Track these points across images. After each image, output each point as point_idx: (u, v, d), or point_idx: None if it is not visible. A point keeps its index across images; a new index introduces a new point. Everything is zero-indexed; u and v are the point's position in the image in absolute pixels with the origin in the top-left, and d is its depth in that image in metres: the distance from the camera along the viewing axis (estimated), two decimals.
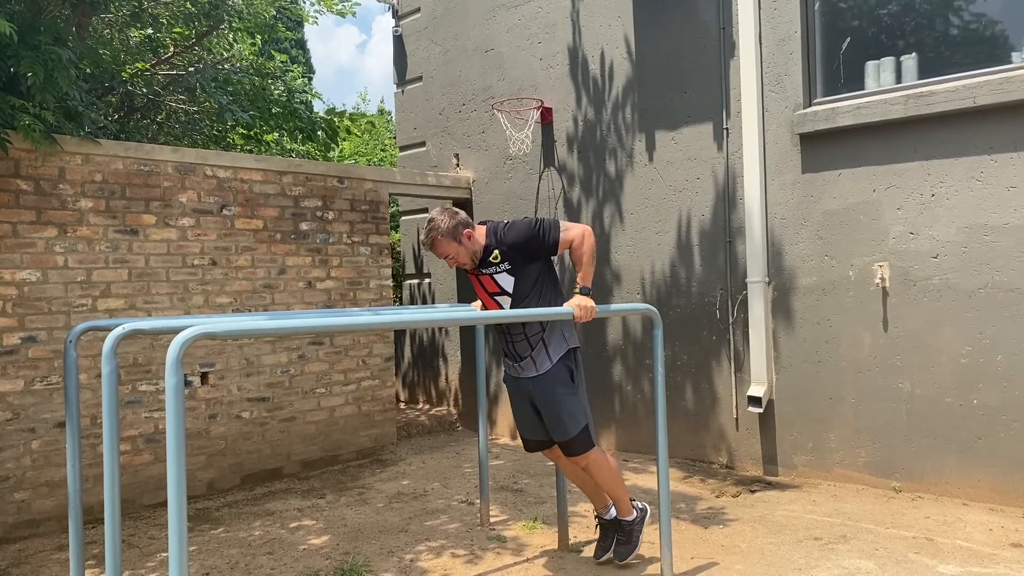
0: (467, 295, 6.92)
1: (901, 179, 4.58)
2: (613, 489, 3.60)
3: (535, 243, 3.37)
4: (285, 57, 8.71)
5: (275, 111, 7.12)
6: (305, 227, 5.71)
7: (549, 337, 3.43)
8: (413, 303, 7.81)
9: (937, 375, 4.47)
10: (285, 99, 7.19)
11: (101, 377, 2.59)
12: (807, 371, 4.96)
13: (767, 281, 5.09)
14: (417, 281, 7.78)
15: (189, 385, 5.08)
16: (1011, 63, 4.28)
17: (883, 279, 4.63)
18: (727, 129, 5.27)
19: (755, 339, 5.08)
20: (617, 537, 3.68)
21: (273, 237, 5.53)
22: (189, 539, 4.20)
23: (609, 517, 3.69)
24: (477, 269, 3.49)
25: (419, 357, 7.82)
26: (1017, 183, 4.19)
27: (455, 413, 7.29)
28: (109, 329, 2.60)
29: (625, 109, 5.84)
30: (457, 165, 7.08)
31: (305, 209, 5.71)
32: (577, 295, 3.32)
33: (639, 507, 3.72)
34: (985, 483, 4.31)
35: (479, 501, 4.41)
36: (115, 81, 6.25)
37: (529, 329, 3.44)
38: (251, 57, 7.58)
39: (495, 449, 6.23)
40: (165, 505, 2.04)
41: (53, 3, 4.73)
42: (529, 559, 3.83)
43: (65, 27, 4.54)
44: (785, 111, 4.99)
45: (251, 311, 5.35)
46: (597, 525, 3.76)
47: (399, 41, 7.70)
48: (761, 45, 5.06)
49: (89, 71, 5.68)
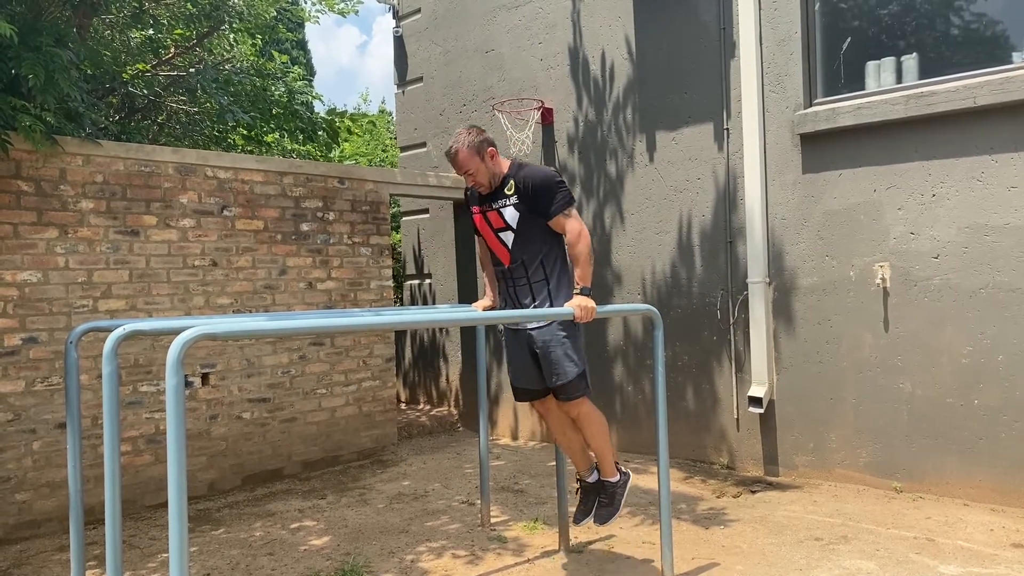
0: (468, 296, 6.92)
1: (902, 179, 4.57)
2: (600, 446, 3.54)
3: (545, 194, 3.36)
4: (286, 58, 8.71)
5: (276, 112, 7.12)
6: (306, 228, 5.71)
7: (555, 286, 3.42)
8: (414, 304, 7.82)
9: (938, 375, 4.47)
10: (286, 100, 7.19)
11: (102, 378, 2.59)
12: (808, 371, 4.96)
13: (768, 281, 5.09)
14: (418, 282, 7.78)
15: (190, 386, 5.04)
16: (1012, 63, 4.28)
17: (884, 279, 4.63)
18: (728, 129, 5.27)
19: (756, 339, 5.08)
20: (599, 499, 3.61)
21: (274, 238, 5.53)
22: (190, 540, 4.20)
23: (592, 480, 3.63)
24: (487, 203, 3.48)
25: (420, 358, 7.82)
26: (1018, 183, 4.19)
27: (456, 413, 7.29)
28: (110, 330, 2.60)
29: (626, 109, 5.84)
30: None
31: (306, 210, 5.72)
32: (577, 295, 3.31)
33: (623, 471, 3.66)
34: (986, 483, 4.31)
35: (480, 502, 4.41)
36: (116, 82, 6.25)
37: (533, 274, 3.42)
38: (252, 58, 7.58)
39: (496, 450, 6.23)
40: (166, 506, 2.04)
41: (54, 4, 4.73)
42: (530, 560, 3.83)
43: (66, 28, 4.54)
44: (786, 111, 4.99)
45: (252, 312, 5.35)
46: (578, 490, 3.69)
47: (400, 42, 7.71)
48: (761, 45, 5.06)
49: (90, 72, 5.69)
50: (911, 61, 4.62)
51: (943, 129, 4.41)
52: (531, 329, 3.45)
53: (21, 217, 4.44)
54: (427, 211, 7.57)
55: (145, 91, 6.69)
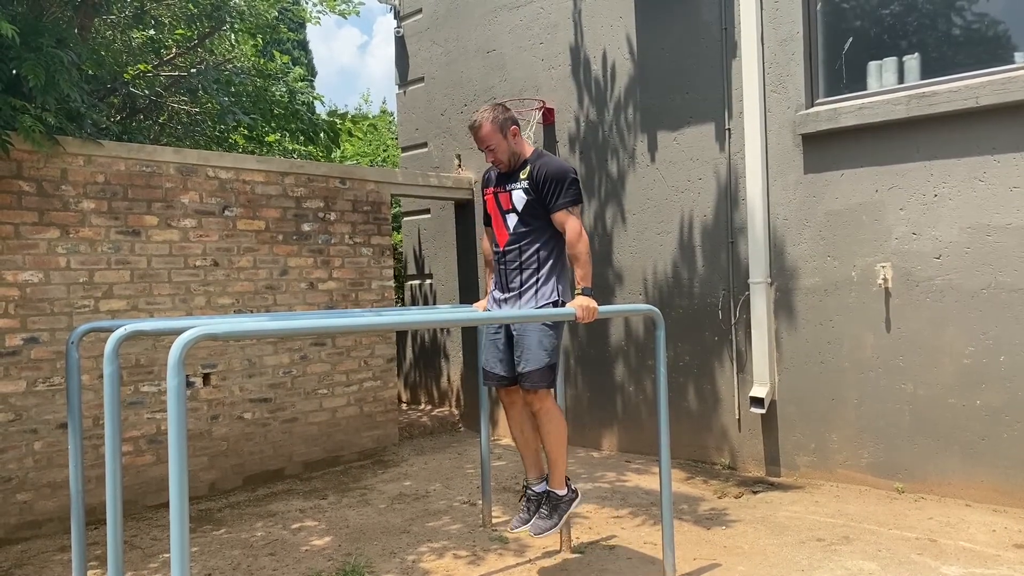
0: (469, 296, 6.92)
1: (904, 179, 4.57)
2: (555, 449, 3.45)
3: (555, 186, 3.37)
4: (287, 58, 8.71)
5: (277, 112, 7.12)
6: (307, 228, 5.71)
7: (544, 282, 3.42)
8: (415, 304, 7.82)
9: (940, 376, 4.46)
10: (287, 100, 7.19)
11: (103, 378, 2.59)
12: (810, 372, 4.96)
13: (769, 282, 5.08)
14: (419, 282, 7.78)
15: (191, 386, 5.08)
16: (1014, 63, 4.27)
17: (886, 279, 4.62)
18: (729, 129, 5.26)
19: (757, 340, 5.08)
20: (540, 510, 3.50)
21: (275, 238, 5.53)
22: (191, 540, 4.21)
23: (539, 489, 3.56)
24: (501, 185, 3.50)
25: (421, 358, 7.82)
26: (1020, 183, 4.18)
27: (457, 414, 7.28)
28: (111, 330, 2.60)
29: (627, 109, 5.84)
30: (459, 166, 7.08)
31: (307, 210, 5.72)
32: (579, 295, 3.31)
33: (572, 488, 3.56)
34: (988, 484, 4.30)
35: (481, 502, 4.41)
36: (117, 83, 6.25)
37: (526, 261, 3.43)
38: (253, 58, 7.58)
39: (497, 450, 6.23)
40: (167, 506, 2.04)
41: (55, 5, 4.74)
42: (531, 560, 3.83)
43: (67, 29, 4.55)
44: (787, 111, 4.99)
45: (253, 312, 5.35)
46: (522, 497, 3.62)
47: (401, 42, 7.71)
48: (763, 45, 5.06)
49: (91, 73, 5.69)
50: (913, 61, 4.62)
51: (945, 129, 4.40)
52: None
53: (22, 217, 4.45)
54: (428, 211, 7.57)
55: (146, 91, 6.69)
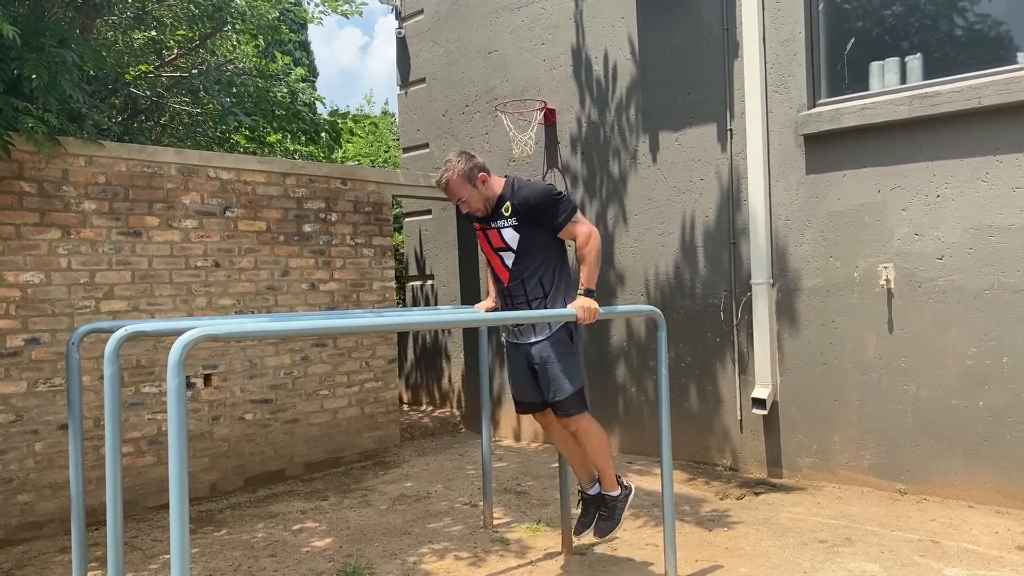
0: (470, 297, 6.91)
1: (906, 180, 4.56)
2: (600, 459, 3.53)
3: (546, 210, 3.35)
4: (289, 59, 8.71)
5: (278, 113, 7.12)
6: (308, 229, 5.71)
7: (552, 304, 3.41)
8: (416, 305, 7.81)
9: (942, 377, 4.45)
10: (288, 101, 7.19)
11: (104, 379, 2.59)
12: (812, 373, 4.95)
13: (771, 283, 5.07)
14: (420, 283, 7.78)
15: (192, 387, 5.07)
16: (1016, 63, 4.26)
17: (888, 280, 4.61)
18: (731, 130, 5.25)
19: (759, 341, 5.07)
20: (599, 512, 3.62)
21: (276, 239, 5.52)
22: (192, 541, 4.20)
23: (593, 492, 3.63)
24: (486, 222, 3.47)
25: (422, 359, 7.81)
26: (1023, 184, 4.17)
27: (458, 415, 7.28)
28: (112, 331, 2.60)
29: (628, 110, 5.83)
30: None
31: (308, 211, 5.71)
32: (581, 296, 3.31)
33: (624, 484, 3.66)
34: (991, 485, 4.29)
35: (482, 503, 4.40)
36: (118, 83, 6.25)
37: (531, 292, 3.42)
38: (254, 59, 7.58)
39: (498, 451, 6.22)
40: (168, 507, 2.03)
41: (56, 5, 4.74)
42: (533, 562, 3.82)
43: (69, 29, 4.54)
44: (789, 112, 4.98)
45: (254, 313, 5.35)
46: (579, 502, 3.70)
47: (402, 43, 7.70)
48: (765, 46, 5.05)
49: (92, 73, 5.69)
50: (915, 61, 4.61)
51: (948, 130, 4.39)
52: (529, 344, 3.46)
53: (23, 218, 4.44)
54: (430, 212, 7.57)
55: (148, 92, 6.69)
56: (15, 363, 4.40)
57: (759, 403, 5.03)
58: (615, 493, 3.61)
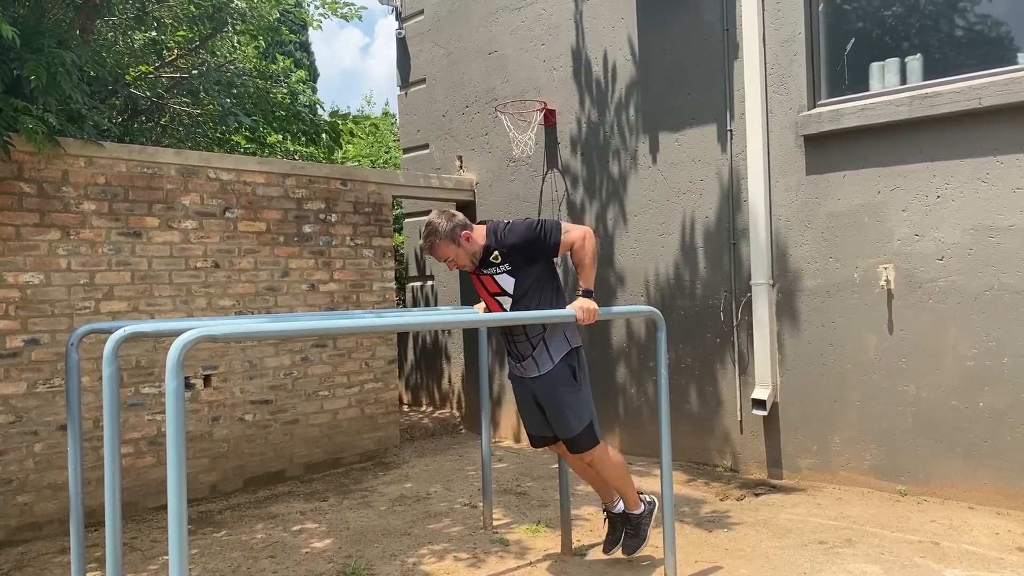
0: (470, 297, 6.91)
1: (906, 180, 4.55)
2: (620, 484, 3.60)
3: (536, 245, 3.37)
4: (289, 61, 8.71)
5: (279, 114, 7.12)
6: (308, 230, 5.71)
7: (550, 337, 3.42)
8: (416, 305, 7.81)
9: (943, 378, 4.44)
10: (288, 102, 7.19)
11: (103, 380, 2.58)
12: (812, 374, 4.94)
13: (771, 283, 5.07)
14: (420, 283, 7.77)
15: (192, 388, 5.06)
16: (1017, 64, 4.25)
17: (888, 281, 4.61)
18: (731, 131, 5.25)
19: (759, 341, 5.06)
20: (625, 531, 3.69)
21: (276, 240, 5.52)
22: (191, 542, 4.20)
23: (617, 511, 3.69)
24: (478, 270, 3.49)
25: (422, 359, 7.81)
26: (1023, 184, 4.17)
27: (458, 415, 7.27)
28: (111, 332, 2.60)
29: (628, 111, 5.83)
30: (460, 167, 7.08)
31: (308, 212, 5.71)
32: (580, 297, 3.32)
33: (647, 500, 3.72)
34: (991, 486, 4.28)
35: (482, 504, 4.40)
36: (118, 84, 6.26)
37: (530, 330, 3.43)
38: (255, 60, 7.58)
39: (498, 452, 6.22)
40: (167, 508, 2.03)
41: (56, 6, 4.73)
42: (532, 563, 3.81)
43: (69, 30, 4.55)
44: (789, 112, 4.97)
45: (254, 314, 5.35)
46: (605, 519, 3.77)
47: (402, 43, 7.70)
48: (765, 46, 5.05)
49: (92, 74, 5.69)
50: (915, 62, 4.60)
51: (948, 130, 4.39)
52: (532, 379, 3.48)
53: (23, 219, 4.44)
54: (430, 212, 7.55)
55: (148, 93, 6.70)
56: (15, 364, 4.40)
57: (759, 404, 5.03)
58: (639, 511, 3.66)
